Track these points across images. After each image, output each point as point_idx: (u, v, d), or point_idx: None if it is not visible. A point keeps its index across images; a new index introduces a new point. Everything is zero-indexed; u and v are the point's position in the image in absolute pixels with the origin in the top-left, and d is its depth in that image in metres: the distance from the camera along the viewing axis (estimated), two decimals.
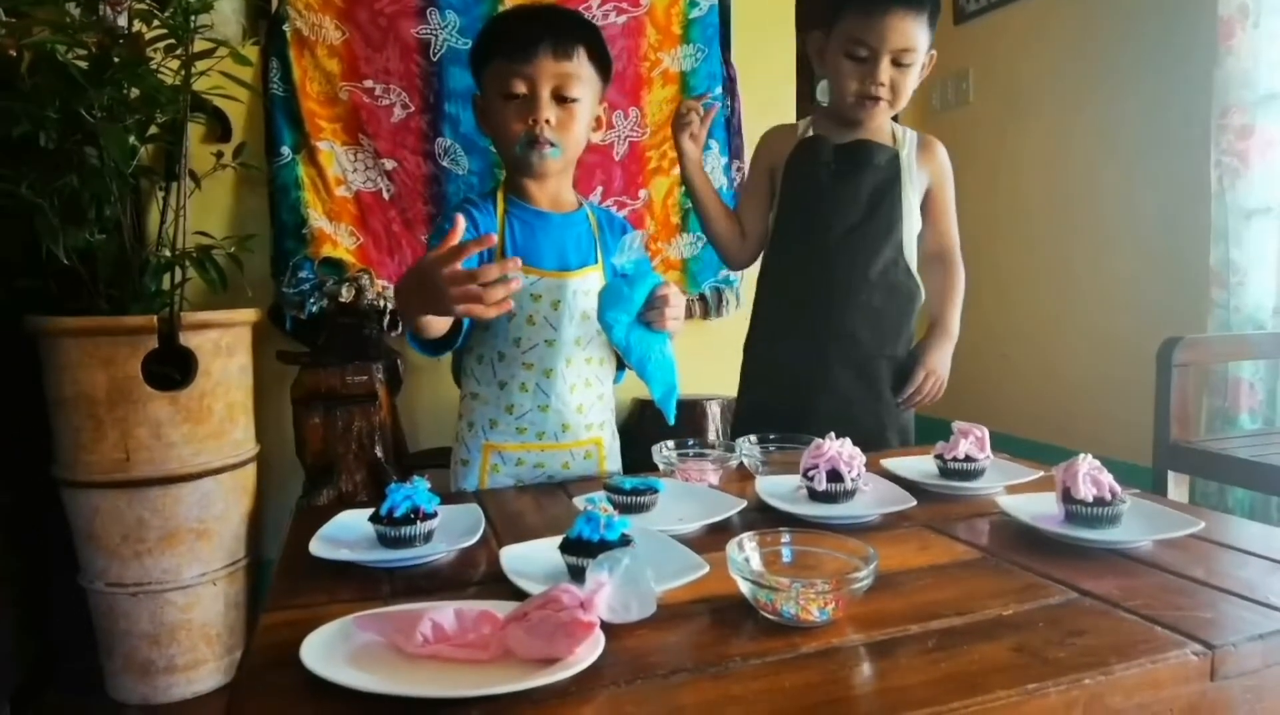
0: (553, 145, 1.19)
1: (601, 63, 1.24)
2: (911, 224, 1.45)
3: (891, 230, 1.43)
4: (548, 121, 1.18)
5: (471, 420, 1.26)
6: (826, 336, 1.42)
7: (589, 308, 1.23)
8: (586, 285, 1.25)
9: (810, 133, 1.48)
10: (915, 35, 1.33)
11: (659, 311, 1.17)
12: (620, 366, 1.34)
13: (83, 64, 1.70)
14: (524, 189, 1.26)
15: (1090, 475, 0.88)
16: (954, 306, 1.49)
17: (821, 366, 1.42)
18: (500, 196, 1.27)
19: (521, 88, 1.18)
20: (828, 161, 1.43)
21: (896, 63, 1.35)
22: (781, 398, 1.45)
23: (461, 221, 0.98)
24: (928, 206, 1.49)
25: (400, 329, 1.16)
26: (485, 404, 1.25)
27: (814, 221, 1.43)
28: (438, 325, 1.09)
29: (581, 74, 1.20)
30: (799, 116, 1.76)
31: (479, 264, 1.09)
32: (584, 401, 1.27)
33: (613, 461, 1.33)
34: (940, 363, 1.46)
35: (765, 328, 1.53)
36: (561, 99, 1.19)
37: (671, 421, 1.23)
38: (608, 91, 1.29)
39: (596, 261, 1.28)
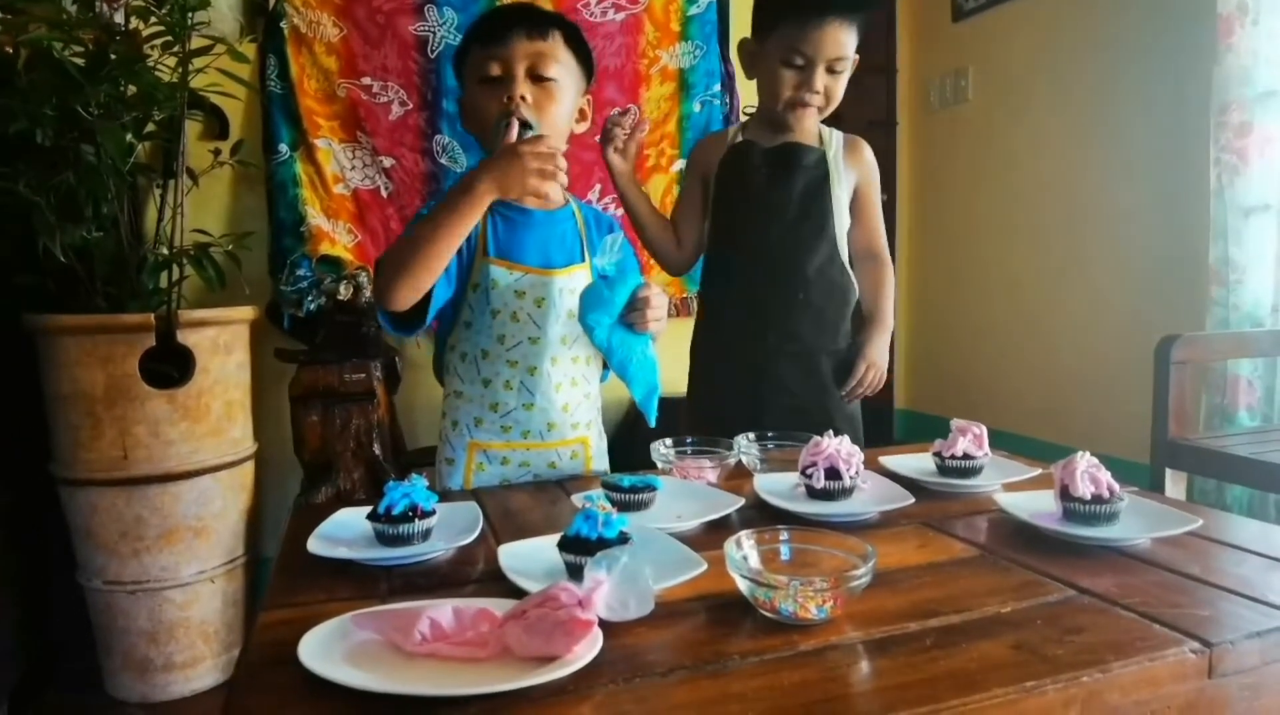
0: (529, 126, 1.16)
1: (581, 53, 1.24)
2: (842, 222, 1.49)
3: (824, 228, 1.46)
4: (523, 98, 1.17)
5: (456, 418, 1.25)
6: (770, 336, 1.45)
7: (575, 306, 1.22)
8: (573, 283, 1.24)
9: (740, 138, 1.51)
10: (848, 44, 1.38)
11: (640, 313, 1.17)
12: (607, 366, 1.33)
13: (79, 61, 1.70)
14: None
15: (1088, 473, 0.88)
16: (887, 299, 1.54)
17: (767, 365, 1.46)
18: None
19: (496, 69, 1.18)
20: (758, 165, 1.47)
21: (830, 69, 1.39)
22: (731, 397, 1.48)
23: (516, 123, 1.12)
24: (856, 204, 1.52)
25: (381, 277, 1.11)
26: (469, 402, 1.24)
27: (749, 224, 1.47)
28: (440, 263, 1.10)
29: (557, 55, 1.20)
30: None
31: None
32: (569, 400, 1.26)
33: (599, 461, 1.32)
34: (879, 355, 1.50)
35: (710, 330, 1.57)
36: (538, 78, 1.19)
37: (653, 423, 1.24)
38: (592, 86, 1.29)
39: (583, 260, 1.28)
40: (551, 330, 1.23)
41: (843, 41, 1.37)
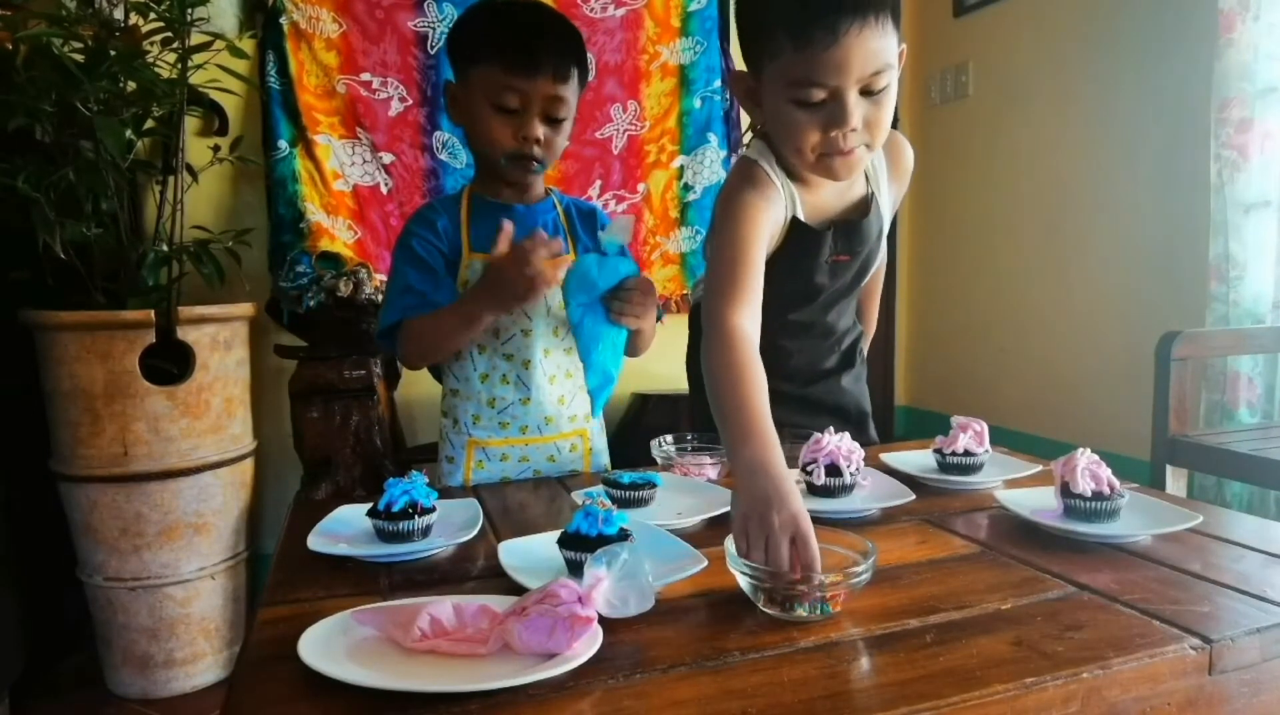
0: (539, 162, 1.20)
1: (584, 72, 1.25)
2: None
3: (866, 279, 1.30)
4: (538, 140, 1.18)
5: (455, 417, 1.26)
6: (793, 371, 1.32)
7: (563, 299, 1.24)
8: (559, 275, 1.24)
9: (795, 203, 1.14)
10: (884, 49, 0.94)
11: (621, 303, 1.17)
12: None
13: (79, 57, 1.69)
14: (492, 186, 1.27)
15: (1089, 469, 0.88)
16: (877, 304, 1.49)
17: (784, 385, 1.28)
18: (466, 197, 1.26)
19: (515, 102, 1.16)
20: (826, 260, 1.19)
21: (867, 91, 0.96)
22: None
23: (509, 226, 1.11)
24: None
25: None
26: (467, 400, 1.25)
27: (802, 302, 1.25)
28: (453, 353, 1.23)
29: (571, 96, 1.20)
30: None
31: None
32: (564, 392, 1.27)
33: (599, 455, 1.33)
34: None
35: None
36: (551, 119, 1.19)
37: (597, 414, 1.30)
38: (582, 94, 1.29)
39: (570, 250, 1.29)
40: (542, 322, 1.24)
41: (874, 50, 0.93)
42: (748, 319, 0.99)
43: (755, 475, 0.78)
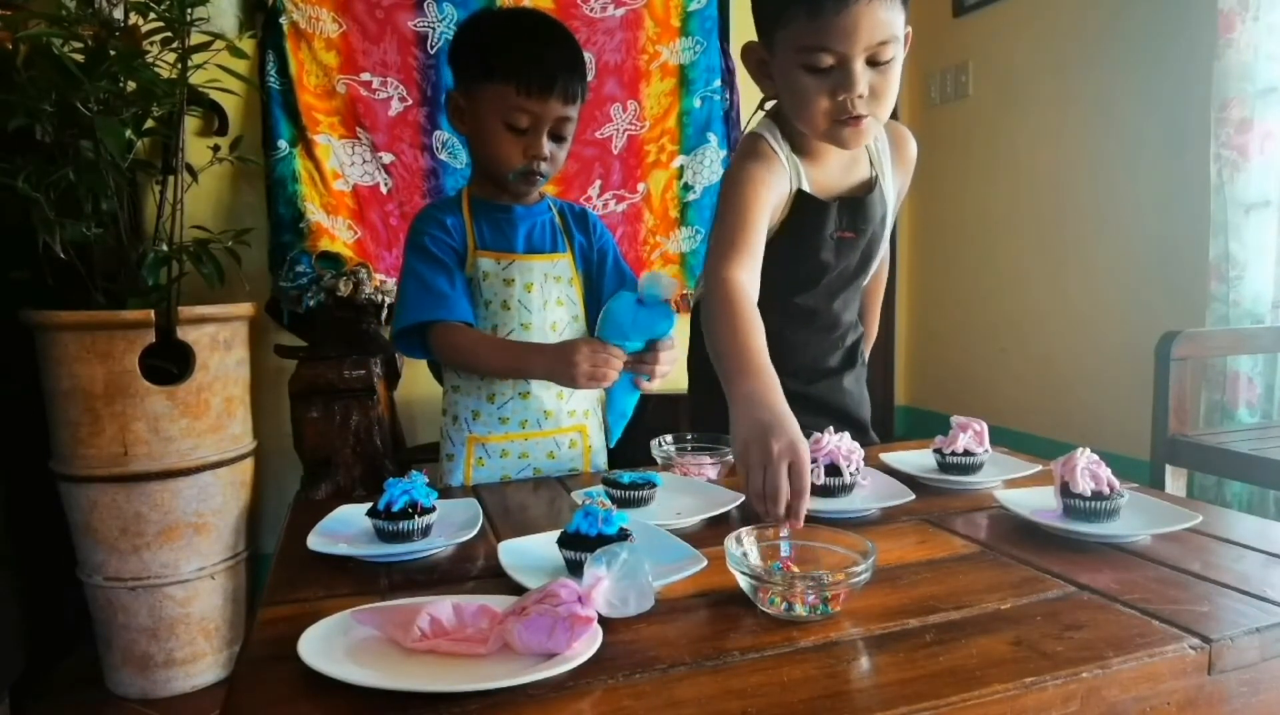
0: (544, 176, 1.23)
1: (587, 88, 1.27)
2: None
3: (871, 267, 1.31)
4: (545, 158, 1.21)
5: (455, 413, 1.27)
6: (798, 368, 1.31)
7: (561, 294, 1.28)
8: (557, 270, 1.28)
9: (800, 176, 1.17)
10: (892, 19, 0.99)
11: (650, 367, 1.18)
12: None
13: (79, 57, 1.70)
14: (491, 189, 1.29)
15: (1088, 469, 0.88)
16: (880, 304, 1.48)
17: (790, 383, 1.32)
18: (466, 198, 1.29)
19: (525, 122, 1.18)
20: (831, 234, 1.20)
21: (874, 61, 1.01)
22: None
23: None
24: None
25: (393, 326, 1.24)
26: (467, 396, 1.26)
27: (807, 283, 1.26)
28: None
29: (577, 114, 1.23)
30: None
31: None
32: (562, 387, 1.27)
33: (599, 453, 1.34)
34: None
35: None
36: (557, 137, 1.22)
37: (613, 443, 1.32)
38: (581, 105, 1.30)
39: (566, 249, 1.32)
40: (540, 316, 1.25)
41: (883, 19, 0.98)
42: (746, 274, 1.03)
43: (754, 406, 0.80)
